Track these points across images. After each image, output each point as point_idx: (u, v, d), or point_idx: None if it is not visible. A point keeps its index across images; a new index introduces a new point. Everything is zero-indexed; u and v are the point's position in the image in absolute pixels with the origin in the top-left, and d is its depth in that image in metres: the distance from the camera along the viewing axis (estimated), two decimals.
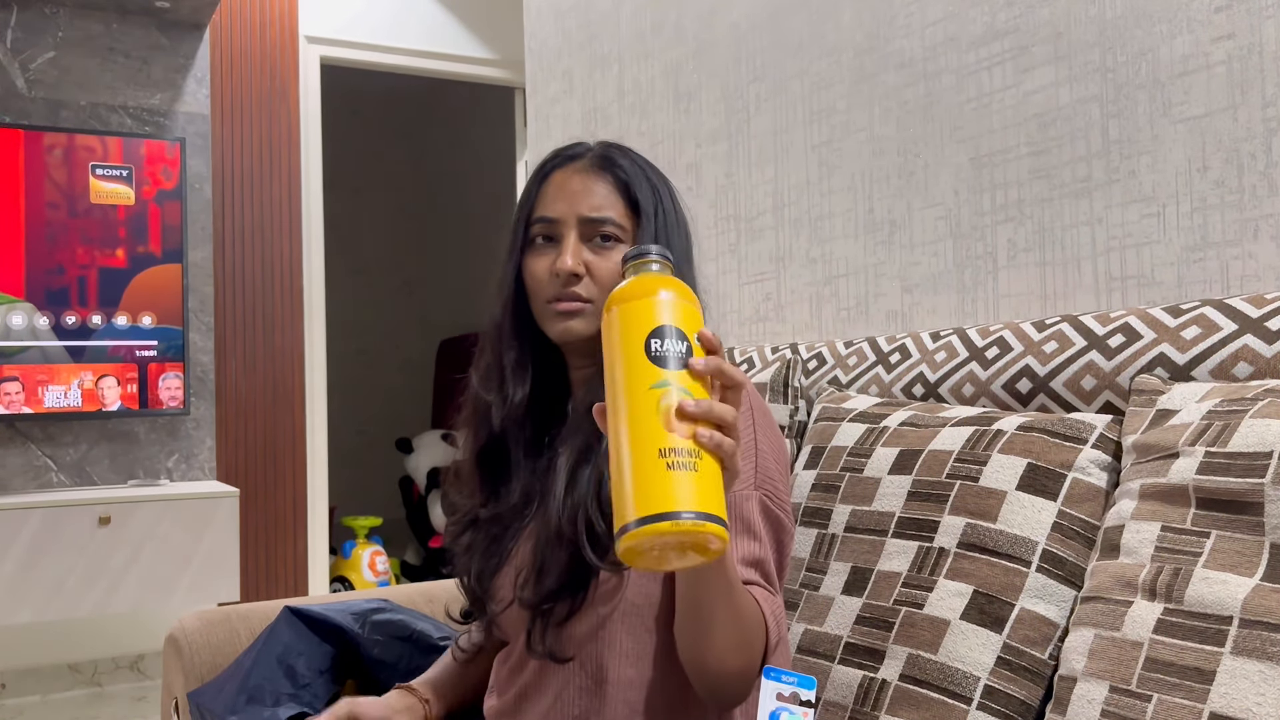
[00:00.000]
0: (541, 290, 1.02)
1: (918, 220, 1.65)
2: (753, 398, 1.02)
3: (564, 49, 2.70)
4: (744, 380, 0.77)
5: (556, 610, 0.96)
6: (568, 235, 1.01)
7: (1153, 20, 1.30)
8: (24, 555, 2.84)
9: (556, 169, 1.05)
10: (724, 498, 0.70)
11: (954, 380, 1.31)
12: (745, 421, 0.99)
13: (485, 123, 5.51)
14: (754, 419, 1.00)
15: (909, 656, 1.06)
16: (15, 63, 3.28)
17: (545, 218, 1.03)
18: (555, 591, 0.96)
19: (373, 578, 4.18)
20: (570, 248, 1.00)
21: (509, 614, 1.04)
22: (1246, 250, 1.21)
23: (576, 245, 1.01)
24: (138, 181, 3.32)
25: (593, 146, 1.07)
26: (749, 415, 0.99)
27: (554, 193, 1.03)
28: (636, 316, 0.74)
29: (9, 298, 3.14)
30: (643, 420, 0.70)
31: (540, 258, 1.03)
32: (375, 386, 5.76)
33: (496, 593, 1.06)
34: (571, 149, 1.07)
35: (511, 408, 1.05)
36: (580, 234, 1.02)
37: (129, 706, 3.16)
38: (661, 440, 0.69)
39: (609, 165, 1.04)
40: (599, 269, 1.01)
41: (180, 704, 1.47)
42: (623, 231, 1.02)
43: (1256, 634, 0.81)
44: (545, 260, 1.02)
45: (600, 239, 1.01)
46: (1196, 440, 0.93)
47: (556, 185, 1.03)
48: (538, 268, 1.02)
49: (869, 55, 1.74)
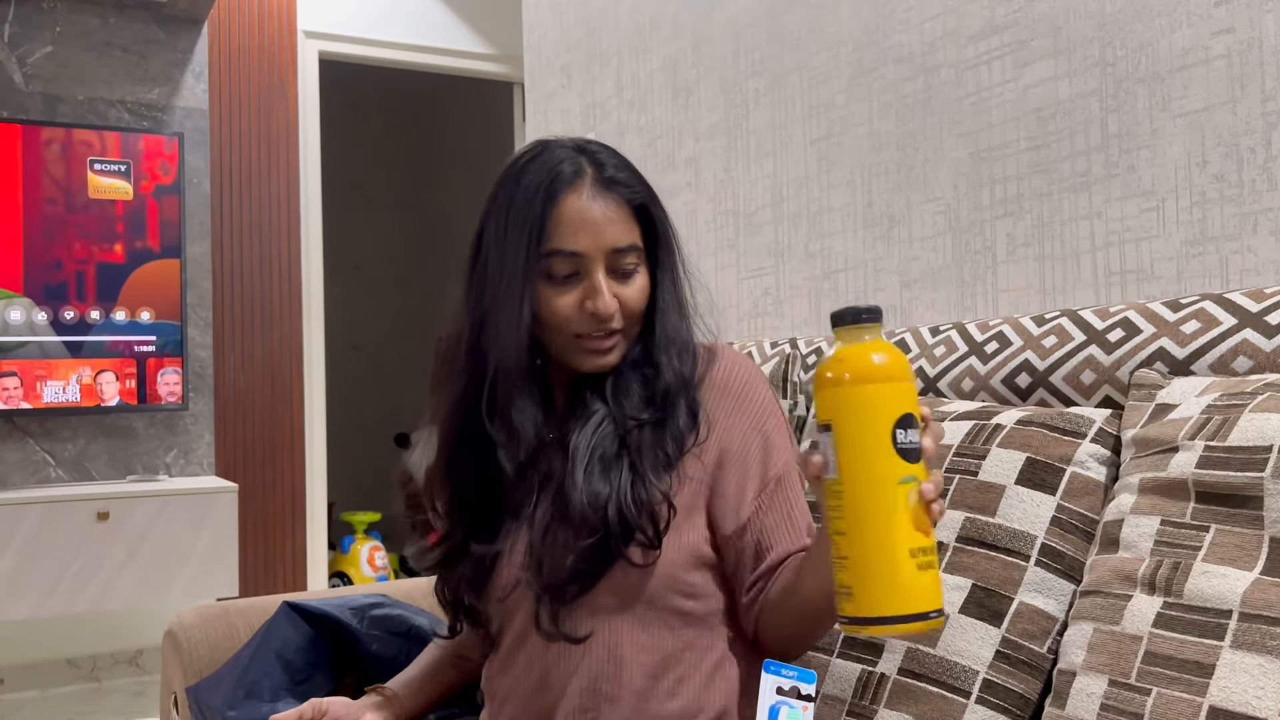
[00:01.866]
0: (569, 326, 0.99)
1: (917, 215, 1.65)
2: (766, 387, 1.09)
3: (562, 44, 2.70)
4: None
5: (568, 590, 0.97)
6: (595, 272, 0.98)
7: (1152, 14, 1.30)
8: (22, 550, 2.84)
9: (562, 192, 0.98)
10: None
11: (953, 375, 1.31)
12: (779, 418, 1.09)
13: (483, 118, 5.50)
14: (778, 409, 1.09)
15: (908, 650, 1.06)
16: (13, 57, 3.28)
17: (568, 251, 0.98)
18: (571, 572, 0.96)
19: (371, 573, 4.19)
20: (604, 286, 0.98)
21: (511, 601, 1.03)
22: (1246, 245, 1.21)
23: (608, 282, 0.99)
24: (136, 176, 3.31)
25: (579, 157, 1.01)
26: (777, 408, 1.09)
27: (573, 223, 0.98)
28: (882, 402, 0.74)
29: (7, 293, 3.13)
30: (893, 516, 0.73)
31: (564, 293, 0.99)
32: (373, 382, 5.76)
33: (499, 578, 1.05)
34: (558, 163, 1.00)
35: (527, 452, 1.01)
36: (607, 267, 0.99)
37: (127, 702, 3.16)
38: (912, 540, 0.73)
39: (614, 185, 1.00)
40: (627, 299, 1.00)
41: (179, 699, 1.47)
42: (640, 255, 1.02)
43: (1256, 627, 0.81)
44: (571, 296, 0.99)
45: (624, 269, 1.00)
46: (1196, 434, 0.93)
47: (574, 214, 0.98)
48: (563, 304, 0.99)
49: (868, 49, 1.73)
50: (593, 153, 1.03)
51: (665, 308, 1.04)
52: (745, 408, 1.05)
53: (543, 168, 1.00)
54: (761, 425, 1.05)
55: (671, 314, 1.04)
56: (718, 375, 1.06)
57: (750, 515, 1.02)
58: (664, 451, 1.00)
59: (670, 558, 0.99)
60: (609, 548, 0.96)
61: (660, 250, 1.04)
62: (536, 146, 1.05)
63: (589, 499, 0.96)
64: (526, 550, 1.01)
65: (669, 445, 1.00)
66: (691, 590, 1.01)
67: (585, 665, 0.99)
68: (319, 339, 3.78)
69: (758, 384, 1.07)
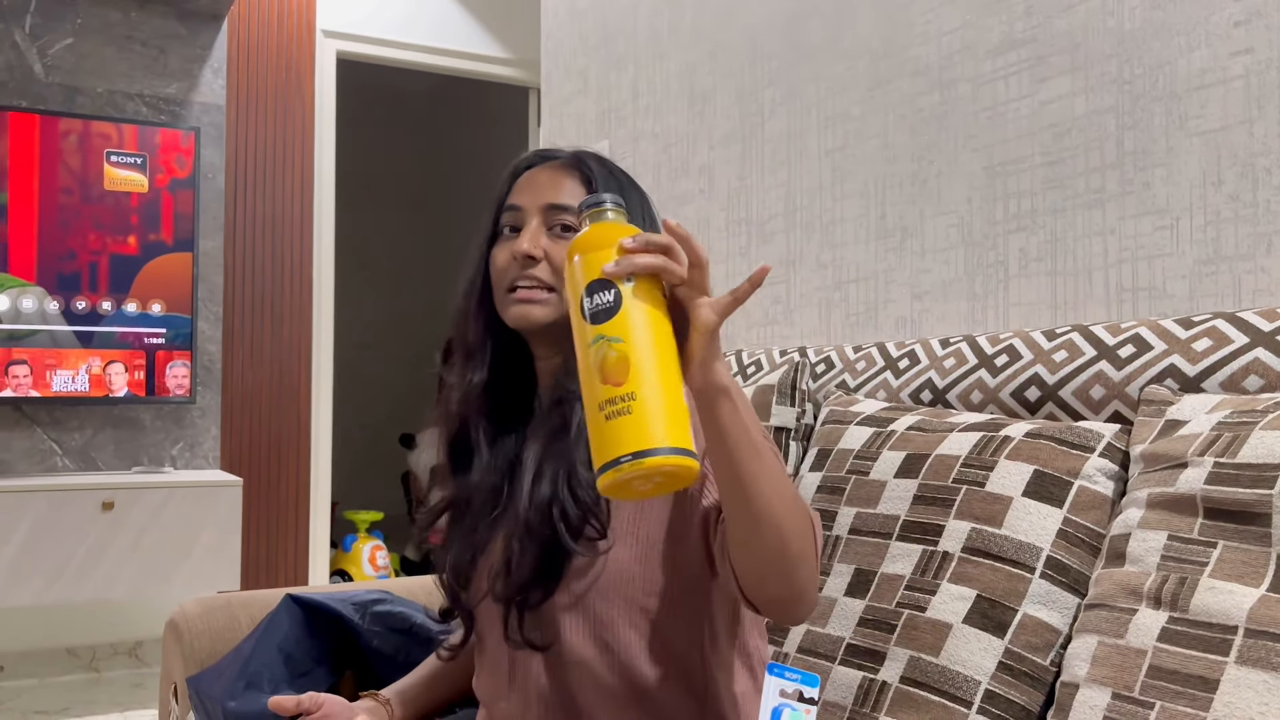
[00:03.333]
0: (502, 278, 1.03)
1: (929, 227, 1.65)
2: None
3: (580, 49, 2.71)
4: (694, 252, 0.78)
5: (530, 598, 0.97)
6: (530, 222, 1.02)
7: (1171, 33, 1.30)
8: (27, 538, 2.85)
9: (530, 167, 1.06)
10: (674, 420, 0.73)
11: (962, 387, 1.31)
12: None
13: (498, 121, 5.52)
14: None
15: (910, 659, 1.06)
16: (33, 48, 3.30)
17: (511, 205, 1.04)
18: (527, 583, 0.97)
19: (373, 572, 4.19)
20: (530, 233, 1.01)
21: (484, 607, 1.04)
22: (1259, 264, 1.20)
23: (537, 230, 1.01)
24: (151, 169, 3.33)
25: (563, 152, 1.08)
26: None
27: (523, 185, 1.05)
28: (574, 277, 0.77)
29: (20, 281, 3.15)
30: (589, 378, 0.74)
31: (504, 246, 1.04)
32: (380, 381, 5.77)
33: (472, 586, 1.06)
34: (547, 150, 1.09)
35: (470, 388, 1.05)
36: (543, 221, 1.02)
37: (126, 693, 3.16)
38: (602, 395, 0.73)
39: (579, 164, 1.05)
40: (559, 256, 1.01)
41: (179, 689, 1.47)
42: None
43: (1261, 644, 0.81)
44: (507, 247, 1.03)
45: (562, 228, 1.02)
46: (1205, 451, 0.93)
47: (527, 179, 1.05)
48: (500, 256, 1.03)
49: (885, 61, 1.74)
50: (579, 151, 1.08)
51: None
52: None
53: (534, 153, 1.09)
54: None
55: None
56: None
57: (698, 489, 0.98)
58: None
59: (624, 554, 0.97)
60: (559, 547, 0.96)
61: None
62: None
63: (535, 503, 0.97)
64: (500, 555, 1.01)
65: None
66: (652, 587, 0.98)
67: (553, 669, 0.99)
68: (328, 336, 3.79)
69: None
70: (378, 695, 1.20)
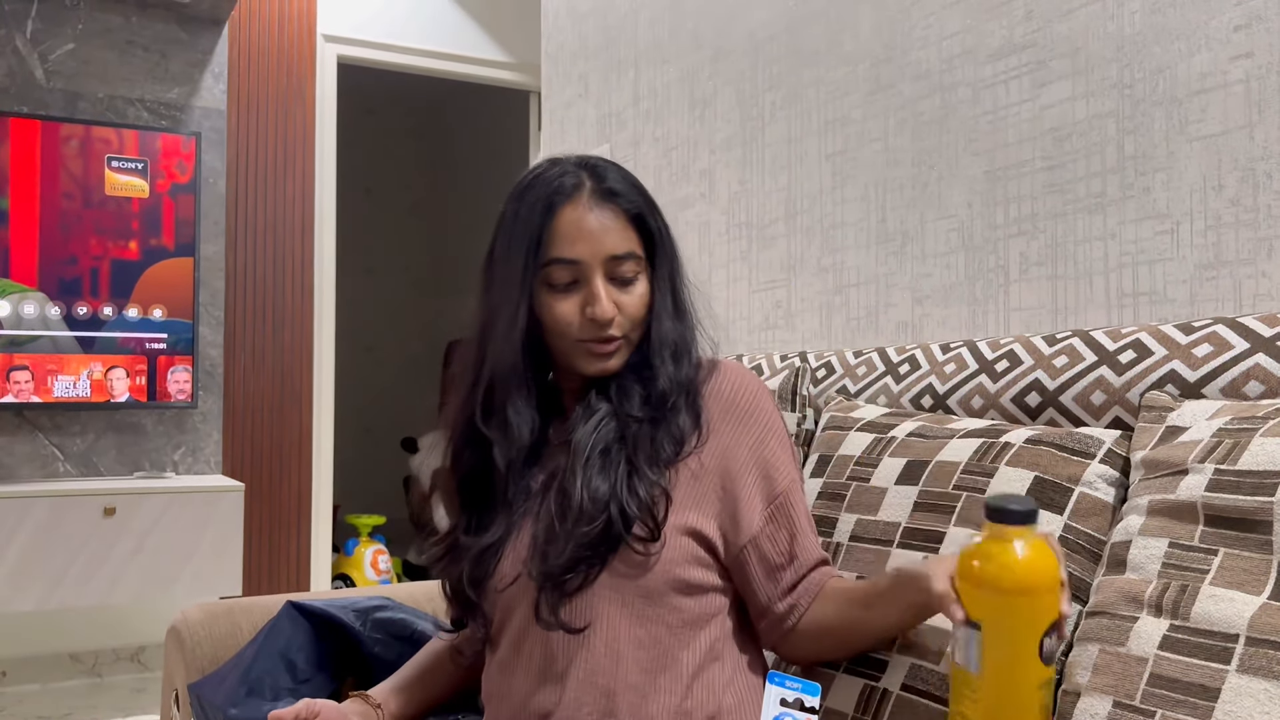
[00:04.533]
0: (572, 332, 1.04)
1: (930, 232, 1.65)
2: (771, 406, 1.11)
3: (581, 53, 2.71)
4: None
5: (569, 581, 0.99)
6: (594, 279, 1.03)
7: (1171, 37, 1.30)
8: (28, 544, 2.85)
9: (561, 204, 1.03)
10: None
11: (963, 392, 1.31)
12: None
13: (498, 125, 5.52)
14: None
15: (911, 666, 1.05)
16: (34, 53, 3.30)
17: (566, 260, 1.03)
18: (572, 561, 0.99)
19: (375, 576, 4.18)
20: (602, 293, 1.02)
21: (508, 596, 1.05)
22: (1260, 269, 1.20)
23: (607, 288, 1.03)
24: (152, 174, 3.33)
25: (580, 172, 1.06)
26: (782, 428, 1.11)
27: (570, 232, 1.03)
28: (1035, 613, 0.78)
29: (21, 287, 3.15)
30: (1027, 717, 0.78)
31: (565, 300, 1.04)
32: (382, 385, 5.77)
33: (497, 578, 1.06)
34: (559, 176, 1.05)
35: (519, 450, 1.07)
36: (604, 274, 1.04)
37: (128, 698, 3.16)
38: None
39: (612, 196, 1.05)
40: (626, 306, 1.05)
41: (180, 695, 1.47)
42: (640, 263, 1.06)
43: (1263, 652, 0.81)
44: (571, 303, 1.04)
45: (623, 276, 1.05)
46: (1206, 457, 0.93)
47: (571, 224, 1.03)
48: (564, 310, 1.04)
49: (885, 66, 1.74)
50: (594, 166, 1.07)
51: (660, 313, 1.08)
52: (751, 423, 1.08)
53: (546, 183, 1.05)
54: (766, 441, 1.08)
55: (666, 319, 1.08)
56: (723, 388, 1.09)
57: (759, 530, 1.04)
58: (661, 448, 1.04)
59: (669, 555, 1.01)
60: (609, 537, 0.99)
61: (658, 259, 1.08)
62: (544, 164, 1.10)
63: (590, 493, 1.00)
64: (530, 543, 1.03)
65: (666, 443, 1.04)
66: (690, 588, 1.02)
67: (583, 659, 1.00)
68: (329, 341, 3.79)
69: (764, 399, 1.10)
70: (368, 696, 1.20)
